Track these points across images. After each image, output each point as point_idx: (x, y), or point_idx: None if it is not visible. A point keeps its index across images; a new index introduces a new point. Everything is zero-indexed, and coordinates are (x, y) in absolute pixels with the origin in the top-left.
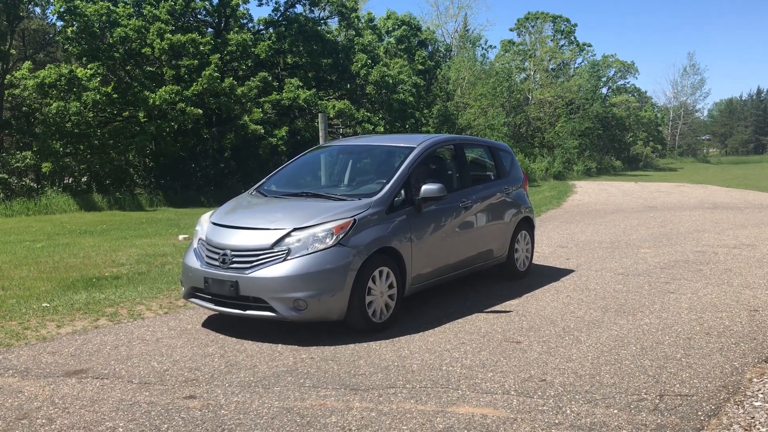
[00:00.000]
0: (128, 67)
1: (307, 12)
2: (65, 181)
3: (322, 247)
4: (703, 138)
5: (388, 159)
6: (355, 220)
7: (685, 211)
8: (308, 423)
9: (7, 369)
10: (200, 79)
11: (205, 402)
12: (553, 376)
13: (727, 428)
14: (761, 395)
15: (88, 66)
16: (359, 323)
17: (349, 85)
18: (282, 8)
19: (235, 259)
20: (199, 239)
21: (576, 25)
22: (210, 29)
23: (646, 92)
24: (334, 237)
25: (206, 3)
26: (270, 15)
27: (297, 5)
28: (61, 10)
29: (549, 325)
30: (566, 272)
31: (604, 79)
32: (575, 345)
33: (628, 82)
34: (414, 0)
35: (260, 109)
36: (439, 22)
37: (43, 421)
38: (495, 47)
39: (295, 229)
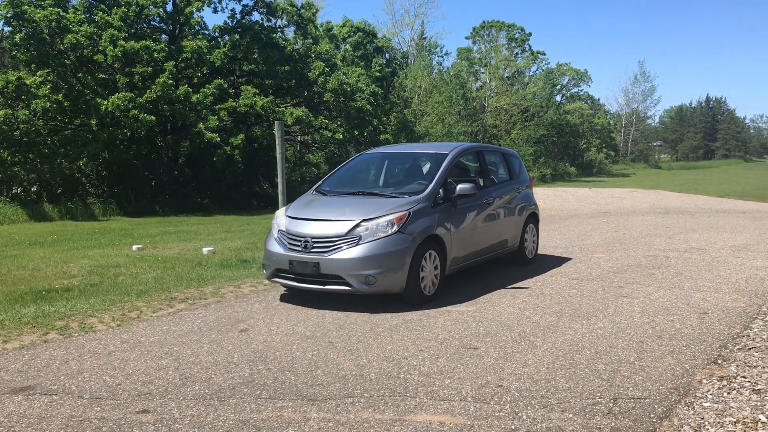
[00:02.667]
0: (80, 75)
1: (264, 20)
2: (14, 191)
3: (385, 234)
4: (655, 144)
5: (426, 163)
6: (410, 212)
7: (638, 216)
8: None
9: None
10: (154, 86)
11: (158, 416)
12: (510, 382)
13: (678, 429)
14: (710, 396)
15: (38, 73)
16: (414, 295)
17: (306, 93)
18: (238, 16)
19: (315, 245)
20: (279, 230)
21: (530, 33)
22: (164, 36)
23: (599, 99)
24: (395, 226)
25: (160, 10)
26: (225, 22)
27: (254, 13)
28: (8, 15)
29: (505, 330)
30: (522, 277)
31: (558, 87)
32: (531, 350)
33: (581, 90)
34: (370, 8)
35: (216, 117)
36: (396, 30)
37: None
38: (451, 53)
39: (363, 220)
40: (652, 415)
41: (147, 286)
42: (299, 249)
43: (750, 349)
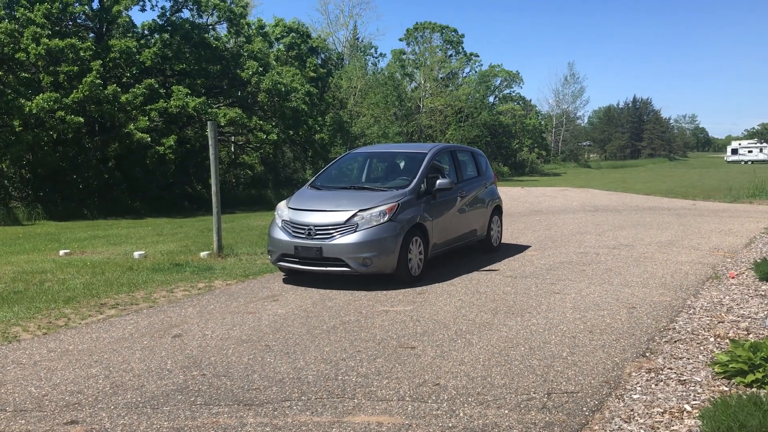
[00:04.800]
0: (0, 73)
1: (195, 17)
2: None
3: (378, 222)
4: (584, 144)
5: (408, 161)
6: (399, 204)
7: (569, 214)
8: None
9: None
10: (81, 86)
11: (88, 427)
12: (447, 380)
13: (609, 421)
14: (639, 388)
15: None
16: (403, 275)
17: (240, 93)
18: (168, 14)
19: (318, 232)
20: (283, 220)
21: (463, 35)
22: (91, 34)
23: (530, 100)
24: (387, 215)
25: (86, 7)
26: (154, 20)
27: (183, 10)
28: None
29: (442, 329)
30: (457, 276)
31: (491, 88)
32: (467, 348)
33: (513, 91)
34: (304, 8)
35: (147, 117)
36: (330, 30)
37: None
38: (386, 55)
39: (359, 211)
40: (585, 409)
41: (75, 292)
42: (303, 236)
43: (676, 341)
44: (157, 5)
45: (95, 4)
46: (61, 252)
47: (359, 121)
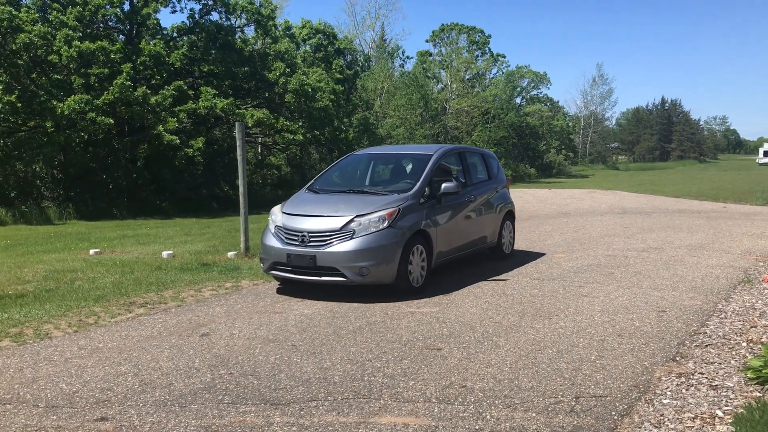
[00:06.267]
0: (34, 75)
1: (223, 20)
2: None
3: (377, 229)
4: (612, 145)
5: (412, 163)
6: (399, 209)
7: (597, 216)
8: None
9: None
10: (111, 87)
11: (117, 424)
12: (473, 382)
13: (639, 426)
14: (669, 393)
15: None
16: (403, 286)
17: (267, 94)
18: (197, 16)
19: (312, 239)
20: (276, 226)
21: (490, 36)
22: (121, 36)
23: (558, 102)
24: (386, 221)
25: (117, 10)
26: (183, 22)
27: (213, 12)
28: None
29: (468, 330)
30: (483, 278)
31: (518, 89)
32: (494, 350)
33: (540, 92)
34: (331, 10)
35: (175, 119)
36: (357, 32)
37: None
38: (412, 58)
39: (357, 216)
40: (614, 413)
41: (105, 290)
42: (296, 243)
43: (707, 346)
44: (186, 7)
45: (126, 7)
46: (91, 251)
47: (385, 122)
